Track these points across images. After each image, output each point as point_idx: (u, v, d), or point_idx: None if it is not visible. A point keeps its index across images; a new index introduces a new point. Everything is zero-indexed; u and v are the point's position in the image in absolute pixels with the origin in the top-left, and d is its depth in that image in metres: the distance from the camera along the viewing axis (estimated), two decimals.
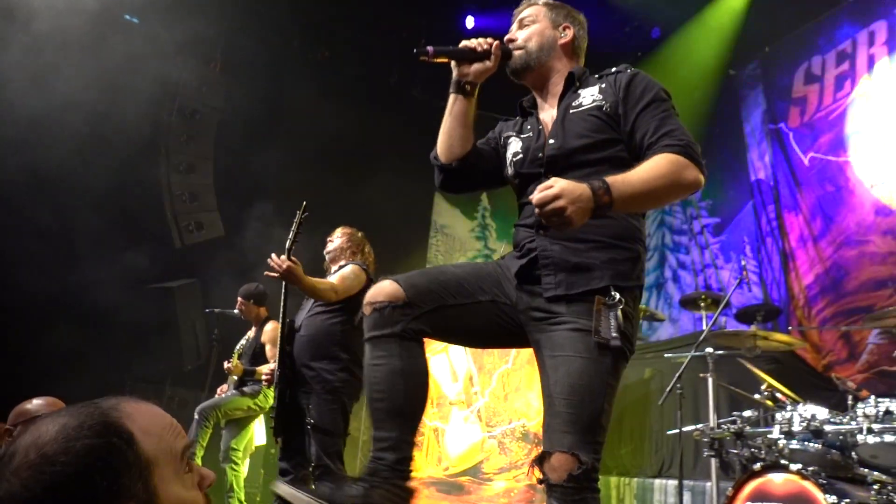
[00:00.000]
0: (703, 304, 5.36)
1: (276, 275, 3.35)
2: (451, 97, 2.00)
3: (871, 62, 5.99)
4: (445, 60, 1.95)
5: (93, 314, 5.96)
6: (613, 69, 1.94)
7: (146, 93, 6.36)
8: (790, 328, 5.71)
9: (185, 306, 6.99)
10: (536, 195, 1.57)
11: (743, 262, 4.08)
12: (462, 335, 1.95)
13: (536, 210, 1.57)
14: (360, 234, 4.00)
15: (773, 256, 6.56)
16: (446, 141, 2.01)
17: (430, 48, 1.88)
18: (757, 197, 6.92)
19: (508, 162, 2.01)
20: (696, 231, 7.52)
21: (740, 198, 7.15)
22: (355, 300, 3.52)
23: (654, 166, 1.68)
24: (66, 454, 0.73)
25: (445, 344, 5.05)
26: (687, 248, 7.60)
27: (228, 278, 6.08)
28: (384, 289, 1.79)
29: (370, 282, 3.70)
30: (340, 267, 3.78)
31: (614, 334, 1.65)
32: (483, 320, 1.84)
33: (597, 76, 1.96)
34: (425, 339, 1.82)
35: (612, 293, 1.68)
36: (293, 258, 3.40)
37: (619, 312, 1.67)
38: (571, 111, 1.89)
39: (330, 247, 3.95)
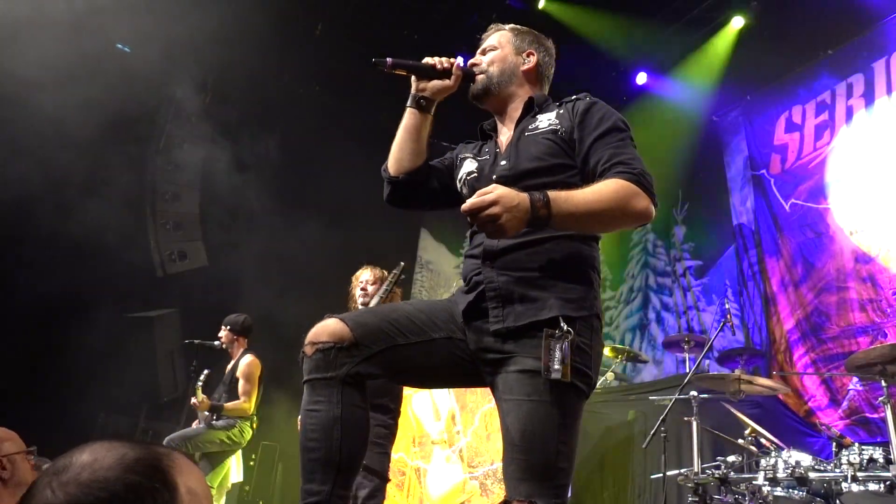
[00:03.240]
0: (686, 347, 5.38)
1: None
2: (407, 111, 1.98)
3: (849, 113, 6.16)
4: (404, 73, 1.94)
5: (69, 341, 5.83)
6: (574, 97, 1.92)
7: (135, 121, 6.36)
8: (773, 373, 5.73)
9: (164, 336, 6.87)
10: (472, 199, 1.52)
11: (727, 306, 4.10)
12: (416, 376, 1.85)
13: (468, 217, 1.52)
14: (386, 274, 3.81)
15: (755, 300, 6.61)
16: (396, 154, 1.99)
17: (388, 59, 1.87)
18: (739, 241, 7.00)
19: (462, 181, 1.98)
20: (678, 273, 7.57)
21: (722, 241, 7.24)
22: None
23: (602, 189, 1.63)
24: (117, 482, 0.76)
25: None
26: (670, 290, 7.64)
27: (210, 309, 6.00)
28: (328, 327, 1.68)
29: None
30: None
31: (558, 366, 1.57)
32: (438, 359, 1.75)
33: (557, 103, 1.95)
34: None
35: (561, 325, 1.60)
36: None
37: (568, 344, 1.58)
38: (527, 134, 1.88)
39: (366, 298, 3.67)
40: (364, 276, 3.76)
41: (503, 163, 1.87)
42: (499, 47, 2.03)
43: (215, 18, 5.81)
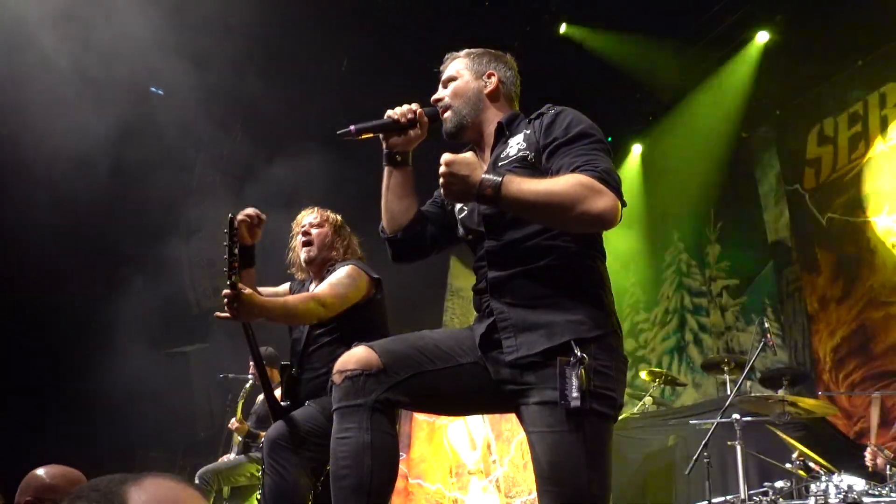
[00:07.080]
0: (726, 368, 5.22)
1: (226, 315, 2.52)
2: (385, 170, 1.96)
3: (883, 123, 6.02)
4: (371, 136, 1.91)
5: (106, 378, 5.92)
6: (540, 110, 1.86)
7: (168, 160, 6.52)
8: (819, 393, 5.53)
9: (200, 371, 6.95)
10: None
11: (767, 325, 3.98)
12: (443, 403, 1.85)
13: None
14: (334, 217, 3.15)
15: (796, 318, 6.42)
16: (387, 214, 1.98)
17: (352, 127, 1.85)
18: (776, 258, 6.85)
19: (457, 219, 1.96)
20: (715, 293, 7.41)
21: (758, 259, 7.07)
22: (363, 311, 2.82)
23: (560, 180, 1.60)
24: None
25: None
26: (707, 311, 7.47)
27: (242, 343, 6.04)
28: (356, 355, 1.69)
29: (376, 283, 2.96)
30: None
31: (576, 394, 1.54)
32: (465, 384, 1.74)
33: (527, 120, 1.89)
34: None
35: (575, 351, 1.57)
36: (239, 285, 2.48)
37: (583, 371, 1.55)
38: (500, 164, 1.81)
39: (310, 250, 3.09)
40: (307, 219, 3.12)
41: None
42: (458, 77, 1.98)
43: (243, 55, 5.97)
